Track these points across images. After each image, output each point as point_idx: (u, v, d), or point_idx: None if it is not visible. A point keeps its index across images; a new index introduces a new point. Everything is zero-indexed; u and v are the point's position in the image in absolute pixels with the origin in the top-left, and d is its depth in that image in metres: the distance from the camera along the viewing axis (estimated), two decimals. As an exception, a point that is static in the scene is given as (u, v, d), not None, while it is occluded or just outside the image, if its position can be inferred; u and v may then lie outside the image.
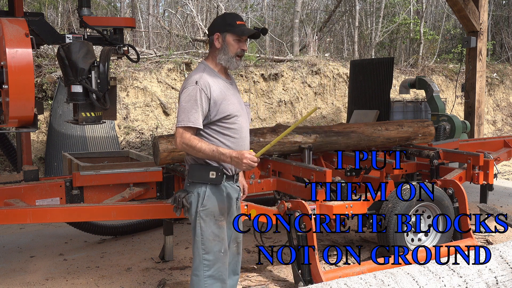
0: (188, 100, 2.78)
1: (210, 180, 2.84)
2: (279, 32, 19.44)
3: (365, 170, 4.73)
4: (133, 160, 5.60)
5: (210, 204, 2.87)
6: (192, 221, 2.92)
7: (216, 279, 2.89)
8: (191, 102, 2.78)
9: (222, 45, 2.89)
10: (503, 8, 20.55)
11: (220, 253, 2.89)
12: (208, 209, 2.86)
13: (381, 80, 8.48)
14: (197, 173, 2.87)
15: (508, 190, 7.54)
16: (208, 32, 3.04)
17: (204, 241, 2.87)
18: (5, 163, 8.05)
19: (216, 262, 2.88)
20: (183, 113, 2.77)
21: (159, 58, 10.42)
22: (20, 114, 3.57)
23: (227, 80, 2.98)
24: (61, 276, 4.29)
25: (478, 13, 8.12)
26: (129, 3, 18.17)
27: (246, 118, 3.03)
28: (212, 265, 2.88)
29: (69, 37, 4.11)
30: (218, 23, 2.93)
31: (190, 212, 2.91)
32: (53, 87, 8.36)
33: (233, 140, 2.90)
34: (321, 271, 3.80)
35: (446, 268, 2.17)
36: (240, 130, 2.94)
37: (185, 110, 2.78)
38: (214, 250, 2.88)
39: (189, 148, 2.79)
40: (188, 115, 2.77)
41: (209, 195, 2.86)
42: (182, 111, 2.79)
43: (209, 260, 2.88)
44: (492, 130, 13.99)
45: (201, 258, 2.88)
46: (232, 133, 2.90)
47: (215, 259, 2.88)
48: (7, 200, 3.96)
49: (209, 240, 2.87)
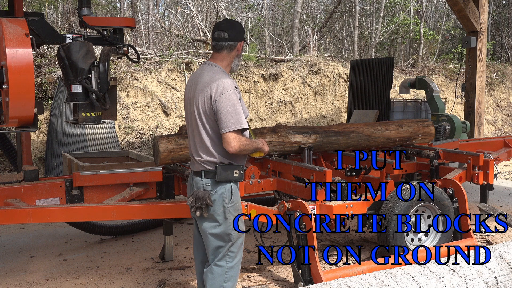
0: (233, 104, 2.90)
1: (235, 179, 3.02)
2: (279, 32, 19.44)
3: (365, 170, 4.73)
4: (133, 160, 5.60)
5: (237, 200, 3.08)
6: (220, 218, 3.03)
7: (237, 270, 3.12)
8: (236, 106, 2.91)
9: (241, 52, 3.14)
10: (503, 8, 20.56)
11: (242, 245, 3.14)
12: (235, 204, 3.06)
13: (381, 80, 8.47)
14: (224, 173, 2.99)
15: (508, 190, 7.53)
16: (229, 37, 3.06)
17: (232, 237, 3.06)
18: (5, 163, 8.05)
19: (238, 254, 3.11)
20: (232, 118, 2.89)
21: (159, 58, 10.42)
22: (20, 114, 3.57)
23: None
24: (61, 276, 4.29)
25: (478, 13, 8.12)
26: (129, 3, 18.17)
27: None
28: (235, 256, 3.09)
29: (69, 37, 4.10)
30: (242, 31, 3.11)
31: (214, 210, 3.00)
32: (53, 87, 8.36)
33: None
34: (321, 271, 3.80)
35: (446, 268, 2.17)
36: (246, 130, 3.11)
37: (233, 114, 2.90)
38: (238, 243, 3.10)
39: (245, 146, 2.96)
40: (239, 118, 2.91)
41: (235, 192, 3.05)
42: (231, 115, 2.89)
43: (233, 252, 3.09)
44: (492, 130, 13.99)
45: (226, 251, 3.06)
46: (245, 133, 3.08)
47: (238, 251, 3.11)
48: (7, 200, 3.96)
49: (237, 235, 3.07)
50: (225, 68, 3.07)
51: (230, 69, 3.12)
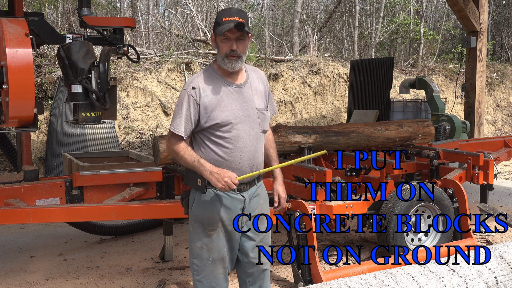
0: (177, 104, 2.69)
1: (197, 187, 2.68)
2: (279, 32, 19.44)
3: (365, 170, 4.73)
4: (133, 160, 5.60)
5: (198, 211, 2.73)
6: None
7: (204, 285, 2.75)
8: (178, 107, 2.66)
9: (216, 46, 2.68)
10: (503, 8, 20.56)
11: (208, 262, 2.73)
12: (197, 216, 2.74)
13: (381, 80, 8.47)
14: (188, 179, 2.75)
15: (508, 190, 7.53)
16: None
17: (191, 246, 2.78)
18: (5, 163, 8.05)
19: (203, 269, 2.74)
20: (173, 118, 2.69)
21: (159, 58, 10.42)
22: (20, 114, 3.57)
23: (234, 83, 2.71)
24: (61, 276, 4.29)
25: (478, 13, 8.12)
26: (129, 3, 18.18)
27: (250, 125, 2.71)
28: (201, 271, 2.75)
29: (69, 37, 4.10)
30: (215, 22, 2.69)
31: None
32: (53, 87, 8.36)
33: (226, 150, 2.66)
34: (321, 271, 3.80)
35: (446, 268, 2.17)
36: (236, 140, 2.67)
37: (174, 115, 2.69)
38: (202, 257, 2.74)
39: (174, 153, 2.70)
40: (174, 121, 2.66)
41: (197, 202, 2.73)
42: (173, 115, 2.70)
43: (197, 266, 2.76)
44: (492, 130, 13.99)
45: (191, 262, 2.80)
46: (226, 142, 2.66)
47: (203, 266, 2.74)
48: (7, 200, 3.96)
49: (196, 247, 2.75)
50: (216, 66, 2.71)
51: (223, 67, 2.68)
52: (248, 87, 2.75)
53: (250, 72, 2.81)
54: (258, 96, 2.77)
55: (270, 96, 2.89)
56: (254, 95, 2.75)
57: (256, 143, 2.75)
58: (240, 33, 2.61)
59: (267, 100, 2.85)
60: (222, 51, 2.63)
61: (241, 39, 2.63)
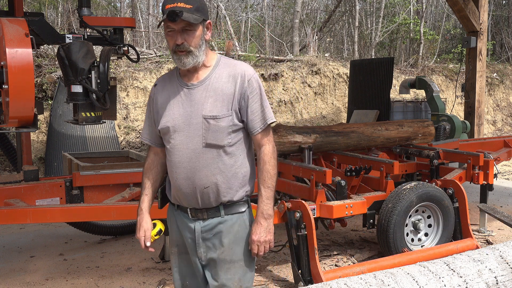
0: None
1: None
2: (279, 32, 19.43)
3: (365, 170, 4.73)
4: (133, 160, 5.60)
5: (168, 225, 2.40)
6: None
7: None
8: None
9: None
10: (503, 8, 20.56)
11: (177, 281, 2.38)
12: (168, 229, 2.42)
13: (381, 80, 8.48)
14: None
15: (508, 190, 7.53)
16: None
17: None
18: (5, 163, 8.05)
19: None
20: None
21: (159, 58, 10.42)
22: (20, 114, 3.57)
23: (188, 82, 2.20)
24: (61, 276, 4.28)
25: (478, 13, 8.12)
26: (129, 3, 18.17)
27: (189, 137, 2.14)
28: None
29: (69, 37, 4.10)
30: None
31: None
32: (53, 87, 8.36)
33: (168, 164, 2.23)
34: (321, 271, 3.80)
35: (446, 268, 2.17)
36: (172, 152, 2.18)
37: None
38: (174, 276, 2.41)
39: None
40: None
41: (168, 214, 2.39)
42: None
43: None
44: (492, 130, 13.99)
45: None
46: (167, 154, 2.23)
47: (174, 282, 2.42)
48: (7, 200, 3.96)
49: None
50: None
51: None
52: (203, 89, 2.16)
53: (221, 69, 2.19)
54: (216, 99, 2.13)
55: (253, 100, 2.18)
56: (207, 98, 2.14)
57: (196, 159, 2.14)
58: (186, 22, 2.06)
59: (234, 106, 2.15)
60: (169, 46, 2.16)
61: (189, 30, 2.09)
